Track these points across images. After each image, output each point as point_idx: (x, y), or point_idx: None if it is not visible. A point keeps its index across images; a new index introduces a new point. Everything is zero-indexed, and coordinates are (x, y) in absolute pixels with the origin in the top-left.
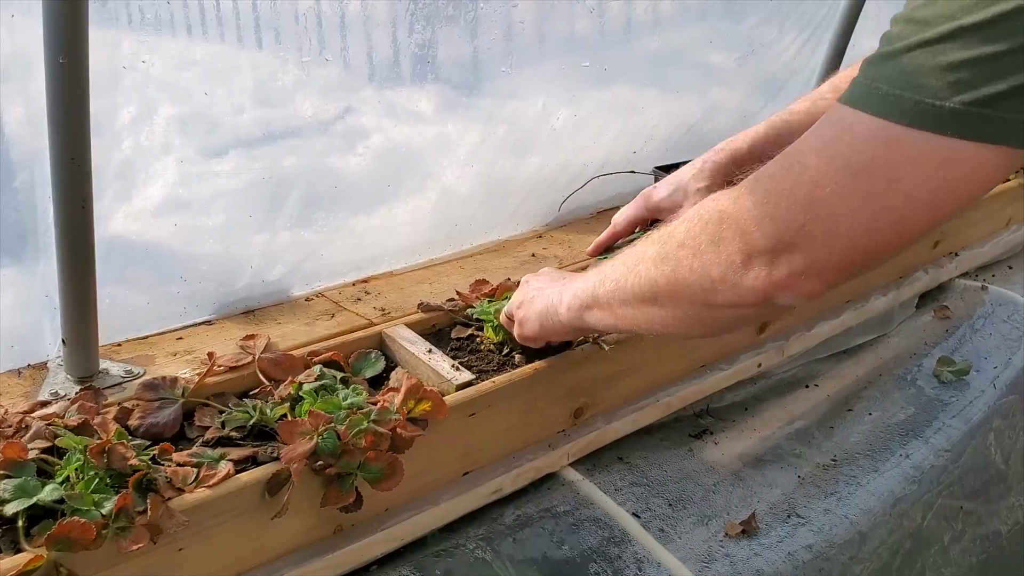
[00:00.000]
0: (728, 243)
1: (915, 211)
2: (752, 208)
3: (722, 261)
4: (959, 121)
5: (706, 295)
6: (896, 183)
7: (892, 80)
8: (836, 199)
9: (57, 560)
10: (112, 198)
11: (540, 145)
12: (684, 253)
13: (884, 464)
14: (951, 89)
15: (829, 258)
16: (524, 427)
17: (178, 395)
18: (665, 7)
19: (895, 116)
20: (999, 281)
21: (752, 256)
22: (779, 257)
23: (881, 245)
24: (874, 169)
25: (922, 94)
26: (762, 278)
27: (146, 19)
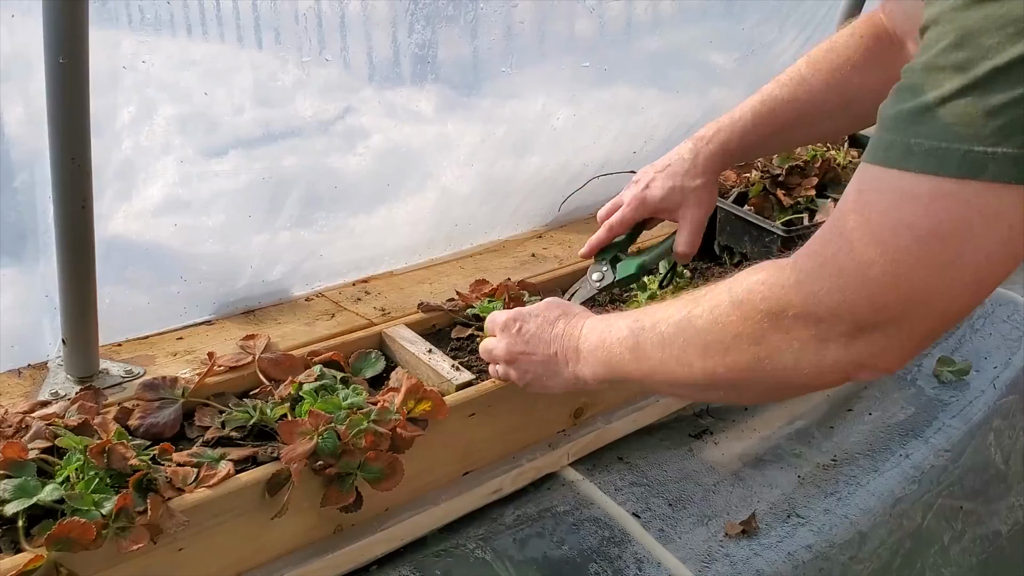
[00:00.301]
0: (801, 333)
1: (991, 267)
2: (824, 296)
3: (795, 350)
4: (1015, 165)
5: (779, 380)
6: (969, 243)
7: (934, 134)
8: (913, 273)
9: (57, 560)
10: (112, 198)
11: (540, 145)
12: (743, 344)
13: (884, 464)
14: (1000, 134)
15: (912, 332)
16: (524, 427)
17: (178, 395)
18: (665, 7)
19: (945, 170)
20: None
21: (831, 341)
22: (859, 338)
23: (964, 307)
24: (944, 232)
25: (970, 143)
26: (842, 361)
27: (146, 19)
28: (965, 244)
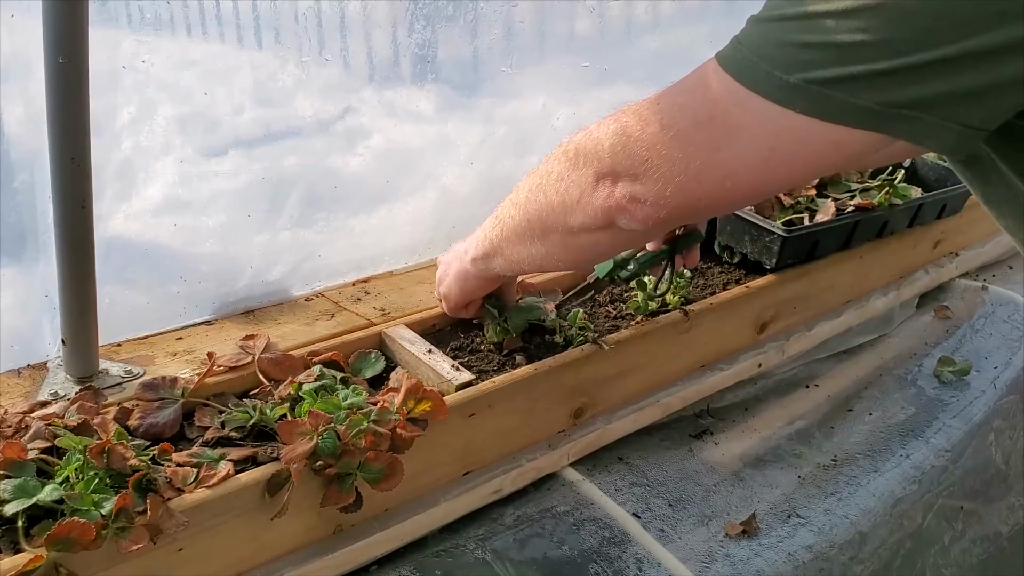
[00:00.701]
0: (587, 166)
1: (745, 173)
2: (610, 135)
3: (580, 182)
4: (799, 95)
5: (566, 216)
6: (730, 142)
7: (753, 46)
8: (675, 143)
9: (57, 560)
10: (112, 198)
11: (540, 145)
12: (554, 179)
13: (884, 464)
14: (797, 66)
15: (661, 194)
16: (524, 427)
17: (178, 395)
18: (665, 7)
19: (745, 79)
20: (999, 281)
21: (601, 177)
22: (620, 181)
23: (710, 196)
24: (714, 125)
25: (772, 65)
26: (605, 197)
27: (146, 19)
28: (727, 143)
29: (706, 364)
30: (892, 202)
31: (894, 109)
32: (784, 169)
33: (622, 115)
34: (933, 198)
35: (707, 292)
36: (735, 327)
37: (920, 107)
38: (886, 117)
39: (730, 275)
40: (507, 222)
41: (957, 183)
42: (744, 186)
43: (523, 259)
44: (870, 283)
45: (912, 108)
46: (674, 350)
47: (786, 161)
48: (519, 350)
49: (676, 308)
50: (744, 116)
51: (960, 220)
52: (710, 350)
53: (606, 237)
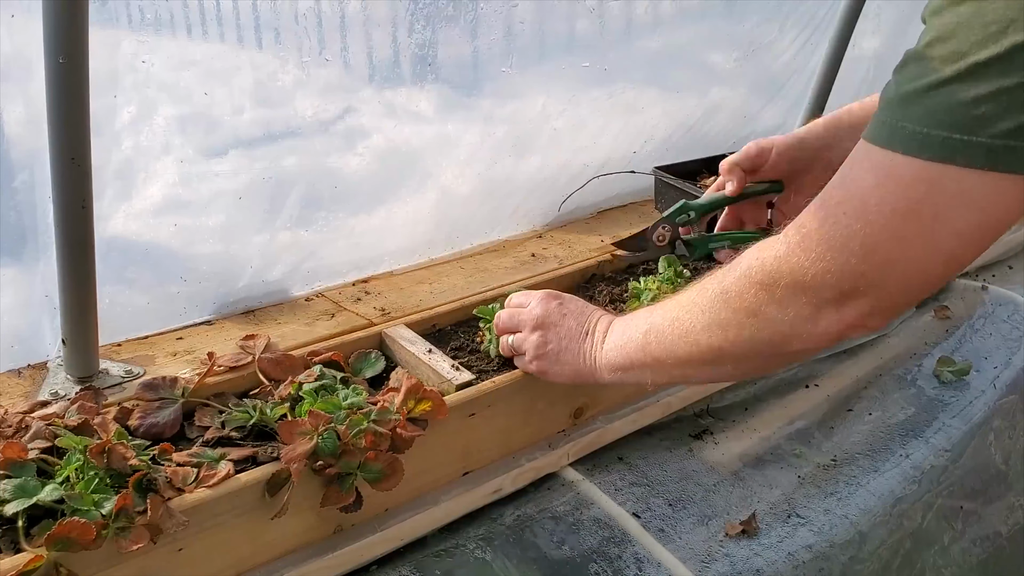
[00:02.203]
0: (793, 301)
1: (962, 245)
2: (810, 264)
3: (790, 318)
4: (988, 154)
5: (778, 348)
6: (943, 222)
7: (919, 119)
8: (889, 245)
9: (57, 560)
10: (112, 198)
11: (540, 145)
12: (742, 318)
13: (884, 464)
14: (977, 124)
15: (891, 298)
16: (524, 427)
17: (178, 395)
18: (665, 7)
19: (925, 153)
20: (999, 281)
21: (821, 308)
22: (846, 304)
23: (935, 279)
24: (921, 211)
25: (950, 130)
26: (834, 323)
27: (146, 19)
28: (939, 224)
29: None
30: None
31: None
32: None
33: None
34: None
35: None
36: None
37: None
38: None
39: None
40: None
41: None
42: (962, 258)
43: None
44: None
45: None
46: None
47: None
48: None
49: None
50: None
51: None
52: None
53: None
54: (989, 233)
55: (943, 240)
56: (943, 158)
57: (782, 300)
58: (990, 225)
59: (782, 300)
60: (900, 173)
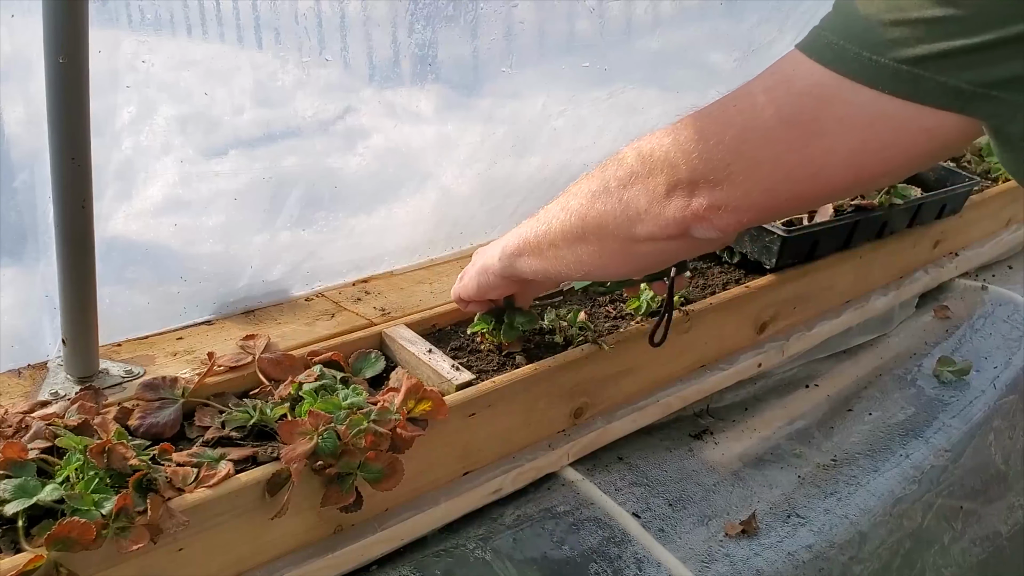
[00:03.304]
0: (657, 175)
1: (835, 165)
2: (684, 142)
3: (649, 191)
4: (893, 77)
5: (630, 225)
6: (820, 137)
7: (838, 30)
8: (761, 144)
9: (57, 560)
10: (112, 198)
11: (540, 145)
12: (616, 186)
13: (884, 464)
14: (889, 45)
15: (747, 197)
16: (524, 427)
17: (178, 395)
18: (665, 7)
19: (833, 63)
20: (999, 281)
21: (676, 187)
22: (698, 190)
23: (799, 195)
24: (802, 121)
25: (862, 46)
26: (681, 208)
27: (146, 19)
28: (816, 139)
29: (706, 364)
30: (892, 202)
31: (983, 88)
32: (877, 161)
33: (694, 119)
34: (933, 198)
35: (707, 292)
36: (735, 327)
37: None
38: (975, 97)
39: (730, 275)
40: (553, 224)
41: (957, 183)
42: (836, 181)
43: (567, 263)
44: (870, 283)
45: (1003, 88)
46: (674, 350)
47: (879, 152)
48: (519, 350)
49: (676, 308)
50: (834, 106)
51: (960, 220)
52: (710, 350)
53: (675, 246)
54: (867, 163)
55: (816, 154)
56: (847, 72)
57: (650, 172)
58: (869, 154)
59: (650, 172)
60: (799, 78)
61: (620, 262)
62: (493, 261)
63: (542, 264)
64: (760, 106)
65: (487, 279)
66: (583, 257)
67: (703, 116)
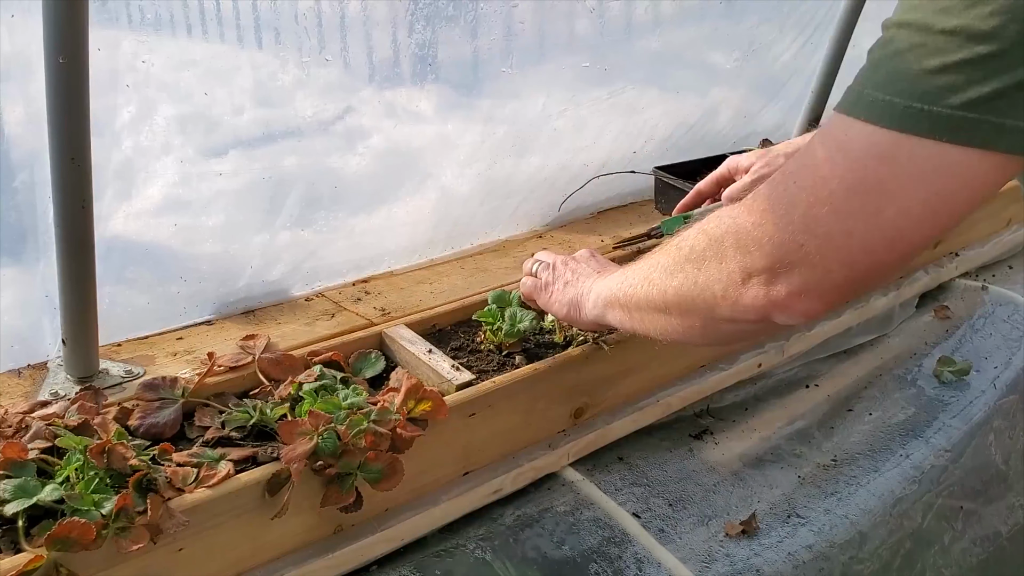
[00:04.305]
0: (730, 260)
1: (911, 226)
2: (752, 227)
3: (724, 278)
4: (948, 125)
5: (709, 309)
6: (890, 198)
7: (881, 85)
8: (831, 218)
9: (57, 560)
10: (112, 198)
11: (540, 145)
12: (690, 267)
13: (884, 464)
14: (939, 93)
15: (827, 278)
16: (524, 427)
17: (178, 395)
18: (665, 7)
19: (885, 121)
20: (999, 281)
21: (751, 275)
22: (777, 277)
23: (880, 263)
24: (868, 186)
25: (911, 98)
26: (760, 297)
27: (146, 19)
28: (887, 201)
29: (706, 364)
30: None
31: None
32: (949, 210)
33: (757, 201)
34: None
35: None
36: None
37: None
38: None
39: None
40: (639, 291)
41: None
42: (912, 241)
43: (654, 329)
44: None
45: None
46: (674, 350)
47: (951, 201)
48: (519, 350)
49: None
50: (899, 164)
51: None
52: (710, 350)
53: (757, 328)
54: (941, 215)
55: (890, 218)
56: (902, 127)
57: (723, 259)
58: (942, 205)
59: (723, 259)
60: (854, 142)
61: (703, 337)
62: (586, 304)
63: (630, 323)
64: (822, 178)
65: (578, 315)
66: (667, 328)
67: (764, 197)
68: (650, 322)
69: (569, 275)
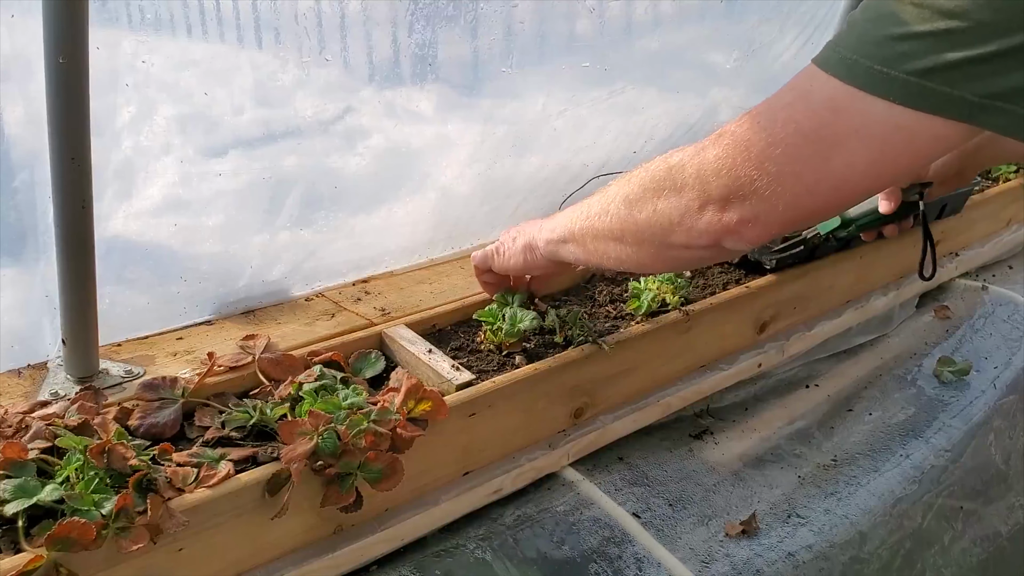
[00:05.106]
0: (689, 190)
1: (855, 177)
2: (713, 160)
3: (682, 206)
4: (904, 89)
5: (664, 235)
6: (839, 149)
7: (851, 45)
8: (784, 160)
9: (57, 560)
10: (112, 198)
11: (540, 145)
12: (649, 196)
13: (884, 464)
14: (899, 59)
15: (773, 211)
16: (524, 427)
17: (178, 395)
18: (665, 7)
19: (848, 78)
20: (999, 281)
21: (707, 203)
22: (730, 205)
23: (821, 205)
24: (822, 136)
25: (874, 60)
26: (715, 222)
27: (146, 19)
28: (836, 152)
29: (706, 364)
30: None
31: (988, 100)
32: (891, 168)
33: (722, 137)
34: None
35: (707, 292)
36: (735, 327)
37: (1013, 98)
38: (981, 108)
39: (730, 275)
40: (595, 222)
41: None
42: (855, 190)
43: (608, 258)
44: (870, 283)
45: (1007, 99)
46: (674, 350)
47: (894, 160)
48: (519, 350)
49: (676, 308)
50: (851, 119)
51: (960, 220)
52: (710, 350)
53: (708, 254)
54: (883, 171)
55: (836, 167)
56: (861, 85)
57: (682, 187)
58: (885, 162)
59: (682, 187)
60: (816, 93)
61: (655, 263)
62: (538, 243)
63: (584, 255)
64: (780, 122)
65: (533, 258)
66: (622, 255)
67: (729, 134)
68: (606, 251)
69: (515, 232)
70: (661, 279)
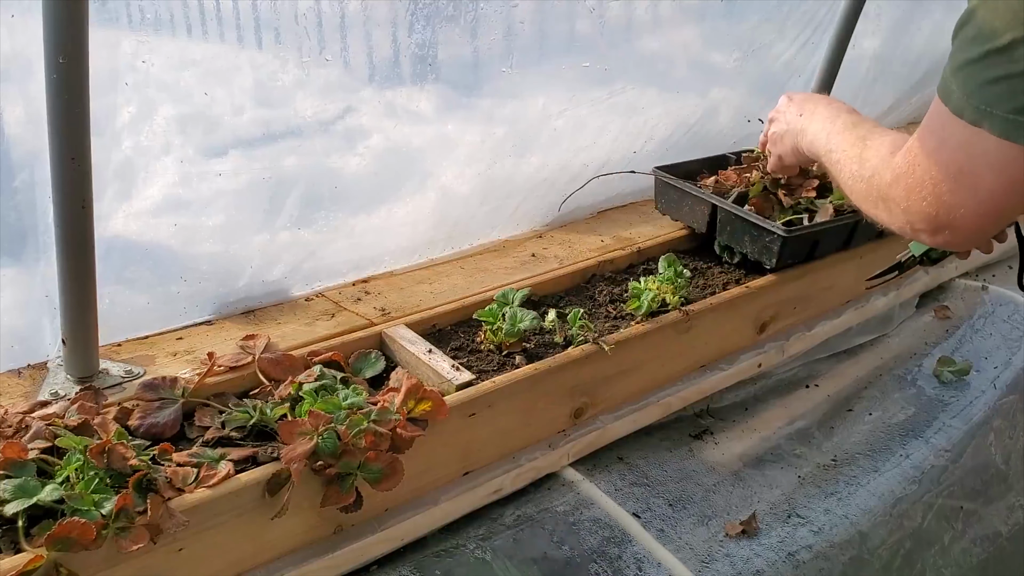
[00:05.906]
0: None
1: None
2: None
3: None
4: (1003, 125)
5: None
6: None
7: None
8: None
9: (57, 560)
10: (112, 198)
11: (540, 145)
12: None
13: (884, 464)
14: (995, 99)
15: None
16: (524, 427)
17: (178, 395)
18: (665, 7)
19: (966, 116)
20: (999, 281)
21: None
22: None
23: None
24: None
25: (979, 101)
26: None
27: (146, 19)
28: (975, 179)
29: (706, 364)
30: None
31: None
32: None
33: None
34: None
35: (707, 292)
36: (735, 327)
37: None
38: None
39: (730, 275)
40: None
41: None
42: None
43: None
44: None
45: None
46: (674, 350)
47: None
48: (519, 350)
49: (676, 308)
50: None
51: None
52: (710, 350)
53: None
54: (1013, 194)
55: (984, 195)
56: (975, 122)
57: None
58: (1011, 188)
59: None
60: (950, 135)
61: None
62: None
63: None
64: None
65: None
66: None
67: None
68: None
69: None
70: (661, 279)
